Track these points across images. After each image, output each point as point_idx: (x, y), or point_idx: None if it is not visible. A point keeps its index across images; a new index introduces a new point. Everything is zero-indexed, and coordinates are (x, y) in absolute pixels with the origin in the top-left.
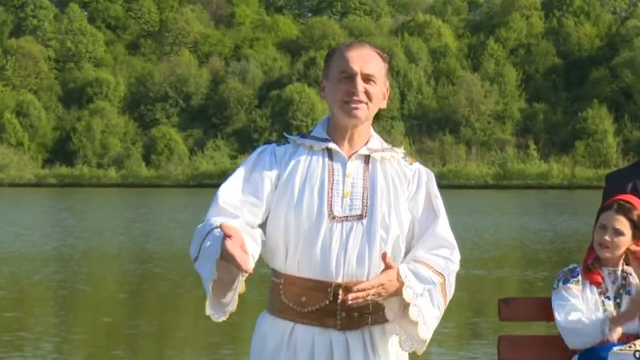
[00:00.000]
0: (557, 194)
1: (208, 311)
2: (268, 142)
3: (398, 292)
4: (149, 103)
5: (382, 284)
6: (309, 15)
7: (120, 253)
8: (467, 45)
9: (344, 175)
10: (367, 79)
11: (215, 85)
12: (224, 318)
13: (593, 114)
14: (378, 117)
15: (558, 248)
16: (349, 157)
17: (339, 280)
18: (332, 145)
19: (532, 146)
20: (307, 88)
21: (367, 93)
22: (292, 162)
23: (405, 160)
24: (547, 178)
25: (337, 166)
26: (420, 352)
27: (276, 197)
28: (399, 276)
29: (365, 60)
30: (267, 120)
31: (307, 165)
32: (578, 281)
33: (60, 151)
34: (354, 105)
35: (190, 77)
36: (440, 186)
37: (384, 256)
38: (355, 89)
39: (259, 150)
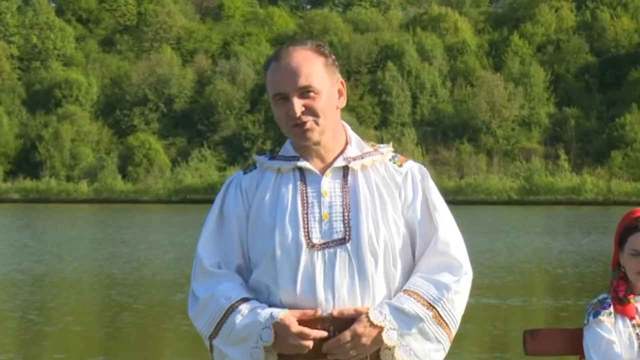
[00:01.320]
0: (590, 211)
1: None
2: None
3: (380, 339)
4: (126, 107)
5: (356, 334)
6: (308, 7)
7: (81, 279)
8: (487, 42)
9: (320, 195)
10: (304, 93)
11: (201, 87)
12: None
13: (631, 120)
14: (386, 124)
15: (582, 273)
16: (323, 172)
17: (328, 314)
18: (302, 163)
19: (563, 156)
20: None
21: (309, 109)
22: (260, 192)
23: (395, 162)
24: (579, 193)
25: (310, 186)
26: None
27: (249, 235)
28: (372, 321)
29: (294, 72)
30: (260, 126)
31: (276, 191)
32: (610, 313)
33: (24, 162)
34: (300, 129)
35: (172, 77)
36: (457, 202)
37: (339, 314)
38: (292, 111)
39: (225, 185)
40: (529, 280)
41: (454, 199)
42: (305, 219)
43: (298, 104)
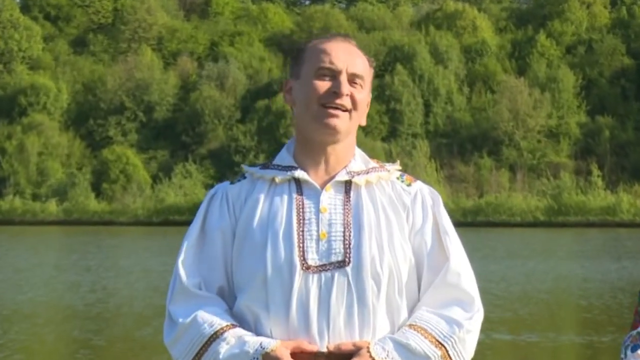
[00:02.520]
0: (626, 234)
1: None
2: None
3: None
4: (100, 116)
5: None
6: (307, 3)
7: (36, 311)
8: (510, 42)
9: (318, 211)
10: (352, 80)
11: (185, 93)
12: None
13: None
14: (395, 135)
15: (607, 305)
16: (323, 186)
17: (323, 349)
18: (299, 173)
19: (596, 172)
20: None
21: (352, 98)
22: (249, 204)
23: (402, 181)
24: (614, 213)
25: (308, 200)
26: None
27: (235, 254)
28: (373, 357)
29: (353, 56)
30: (252, 138)
31: (268, 204)
32: None
33: None
34: (333, 112)
35: (153, 82)
36: (476, 224)
37: (336, 349)
38: (339, 88)
39: (208, 196)
40: (546, 313)
41: (472, 220)
42: (301, 237)
43: (347, 86)
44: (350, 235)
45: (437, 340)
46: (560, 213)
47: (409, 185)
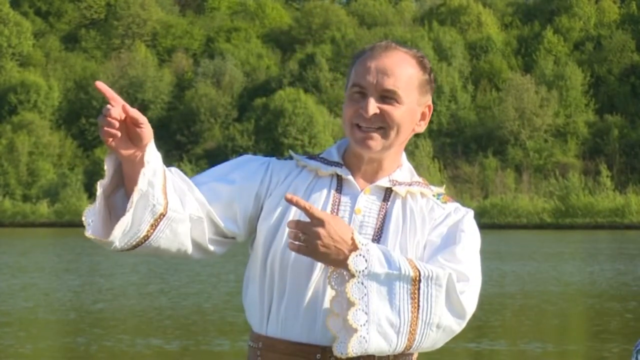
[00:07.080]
0: (636, 236)
1: (84, 217)
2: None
3: (342, 264)
4: (92, 115)
5: (322, 220)
6: None
7: None
8: (516, 38)
9: (352, 212)
10: (385, 96)
11: (180, 91)
12: (92, 236)
13: None
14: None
15: (580, 311)
16: (364, 188)
17: (330, 344)
18: (342, 171)
19: (604, 172)
20: (304, 95)
21: (383, 115)
22: (287, 184)
23: (438, 199)
24: (623, 215)
25: (345, 199)
26: (343, 355)
27: (258, 229)
28: (353, 240)
29: (386, 70)
30: (250, 137)
31: (307, 193)
32: None
33: None
34: (364, 132)
35: (147, 80)
36: (481, 226)
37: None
38: (365, 109)
39: (249, 155)
40: (516, 319)
41: (477, 223)
42: None
43: (373, 105)
44: (378, 241)
45: (414, 265)
46: (567, 215)
47: (444, 203)
